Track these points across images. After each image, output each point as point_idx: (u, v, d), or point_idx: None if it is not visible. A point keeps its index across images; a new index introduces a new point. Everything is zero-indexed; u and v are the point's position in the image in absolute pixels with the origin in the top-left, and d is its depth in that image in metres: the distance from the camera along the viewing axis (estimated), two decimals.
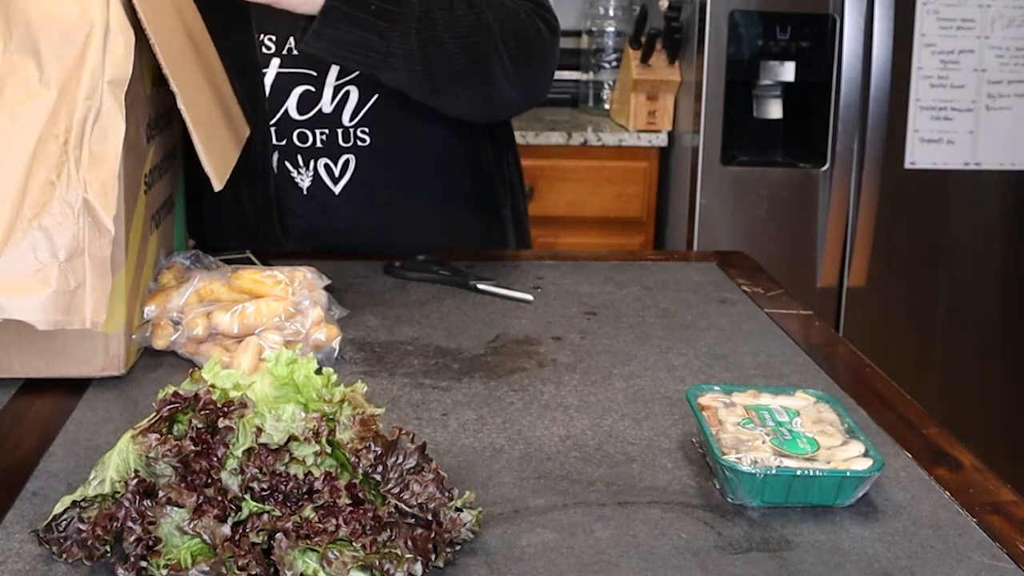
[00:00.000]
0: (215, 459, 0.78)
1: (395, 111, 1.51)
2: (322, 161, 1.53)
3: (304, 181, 1.54)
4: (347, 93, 1.49)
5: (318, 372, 0.86)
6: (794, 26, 2.81)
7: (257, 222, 1.55)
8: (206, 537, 0.75)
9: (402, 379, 1.15)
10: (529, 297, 1.40)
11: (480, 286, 1.42)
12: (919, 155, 2.85)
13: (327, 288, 1.24)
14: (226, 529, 0.75)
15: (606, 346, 1.25)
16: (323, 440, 0.80)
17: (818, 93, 2.83)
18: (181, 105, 1.11)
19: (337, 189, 1.54)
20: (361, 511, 0.77)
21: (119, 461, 0.81)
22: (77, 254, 0.99)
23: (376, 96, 1.50)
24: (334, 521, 0.75)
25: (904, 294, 2.93)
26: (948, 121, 2.84)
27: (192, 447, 0.78)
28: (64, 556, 0.79)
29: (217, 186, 1.17)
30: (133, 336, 1.15)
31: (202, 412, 0.80)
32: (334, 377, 0.86)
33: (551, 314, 1.36)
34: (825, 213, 2.87)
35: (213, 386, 0.83)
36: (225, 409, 0.80)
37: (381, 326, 1.30)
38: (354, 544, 0.75)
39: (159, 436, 0.79)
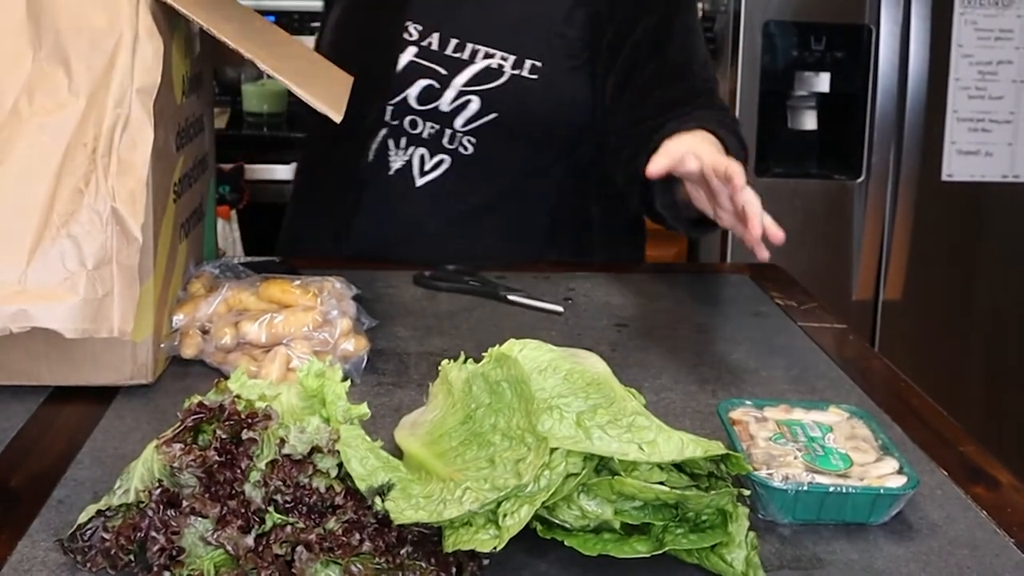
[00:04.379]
0: (239, 470, 0.77)
1: (507, 134, 1.53)
2: (420, 151, 1.55)
3: (396, 163, 1.56)
4: (468, 101, 1.51)
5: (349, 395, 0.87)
6: (829, 36, 2.78)
7: (335, 196, 1.59)
8: (229, 548, 0.75)
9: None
10: (559, 309, 1.39)
11: (510, 297, 1.41)
12: (956, 167, 2.82)
13: (356, 298, 1.23)
14: (249, 540, 0.75)
15: (637, 359, 1.24)
16: None
17: (853, 104, 2.81)
18: (263, 66, 1.11)
19: (420, 182, 1.55)
20: (387, 529, 0.76)
21: (144, 471, 0.81)
22: (105, 262, 0.99)
23: (495, 115, 1.52)
24: (358, 536, 0.75)
25: (941, 308, 2.89)
26: (986, 133, 2.81)
27: (216, 458, 0.78)
28: (88, 565, 0.79)
29: (337, 117, 1.17)
30: (161, 345, 1.15)
31: (226, 423, 0.79)
32: (364, 408, 0.87)
33: (581, 326, 1.35)
34: (860, 225, 2.84)
35: (238, 397, 0.82)
36: (249, 420, 0.79)
37: (410, 336, 1.29)
38: (377, 559, 0.74)
39: (183, 446, 0.79)
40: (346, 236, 1.58)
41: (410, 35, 1.52)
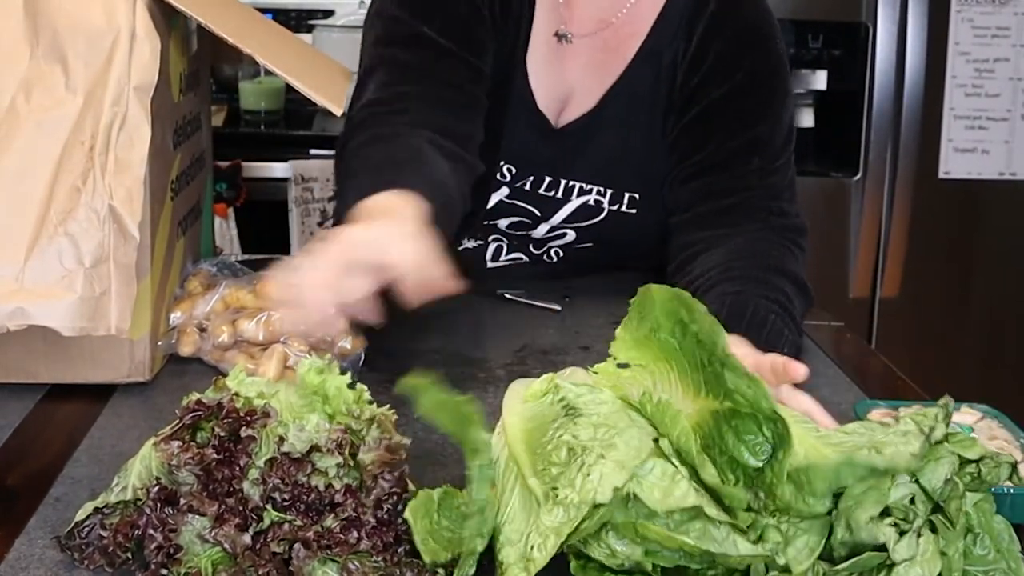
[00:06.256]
0: (237, 468, 0.77)
1: (598, 253, 1.46)
2: (499, 243, 1.48)
3: (467, 243, 1.49)
4: (564, 233, 1.44)
5: (351, 386, 0.85)
6: (826, 34, 2.78)
7: None
8: (227, 546, 0.75)
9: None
10: (557, 307, 1.39)
11: (508, 295, 1.41)
12: (953, 165, 2.82)
13: None
14: (247, 538, 0.75)
15: None
16: (346, 453, 0.79)
17: (850, 102, 2.81)
18: (262, 60, 1.11)
19: (490, 265, 1.50)
20: (385, 528, 0.76)
21: (142, 468, 0.81)
22: (102, 260, 0.99)
23: (590, 244, 1.45)
24: (356, 534, 0.75)
25: (938, 305, 2.89)
26: (983, 130, 2.81)
27: (215, 456, 0.78)
28: (86, 563, 0.79)
29: (337, 111, 1.15)
30: (159, 343, 1.15)
31: (225, 421, 0.79)
32: (366, 394, 0.86)
33: (579, 324, 1.35)
34: (857, 223, 2.84)
35: (237, 394, 0.82)
36: (248, 418, 0.79)
37: (407, 335, 1.29)
38: (374, 557, 0.74)
39: (181, 444, 0.79)
40: None
41: (503, 176, 1.41)
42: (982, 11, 2.77)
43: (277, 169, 2.68)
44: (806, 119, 2.87)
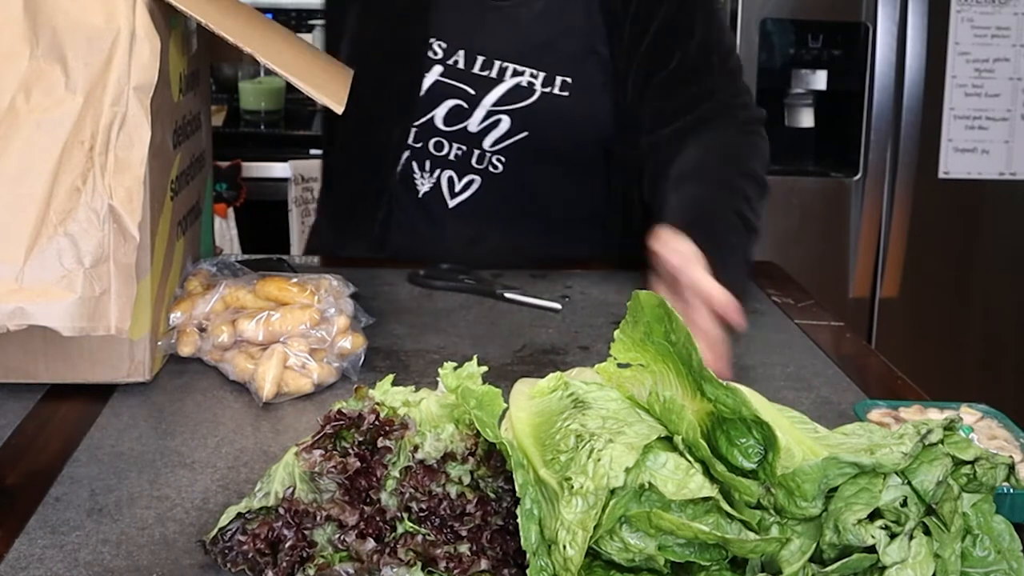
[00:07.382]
0: (375, 479, 0.77)
1: (538, 151, 1.50)
2: (447, 173, 1.51)
3: (423, 186, 1.53)
4: (498, 120, 1.47)
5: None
6: (826, 34, 2.78)
7: (363, 211, 1.55)
8: (355, 552, 0.74)
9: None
10: (557, 306, 1.39)
11: (507, 295, 1.41)
12: (953, 165, 2.82)
13: (353, 296, 1.23)
14: (374, 545, 0.75)
15: None
16: (479, 459, 0.78)
17: (850, 102, 2.81)
18: (263, 60, 1.11)
19: (452, 203, 1.52)
20: (508, 539, 0.75)
21: (285, 475, 0.80)
22: (102, 260, 0.99)
23: (526, 133, 1.48)
24: (484, 562, 0.74)
25: (938, 305, 2.89)
26: (983, 130, 2.81)
27: (357, 464, 0.78)
28: (228, 566, 0.78)
29: (338, 109, 1.16)
30: (159, 343, 1.15)
31: (364, 430, 0.79)
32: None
33: (578, 324, 1.35)
34: (857, 223, 2.84)
35: (379, 404, 0.82)
36: (386, 428, 0.79)
37: (407, 334, 1.29)
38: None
39: (324, 452, 0.79)
40: (381, 252, 1.57)
41: (435, 53, 1.44)
42: (982, 11, 2.77)
43: (277, 169, 2.68)
44: (806, 119, 2.87)
